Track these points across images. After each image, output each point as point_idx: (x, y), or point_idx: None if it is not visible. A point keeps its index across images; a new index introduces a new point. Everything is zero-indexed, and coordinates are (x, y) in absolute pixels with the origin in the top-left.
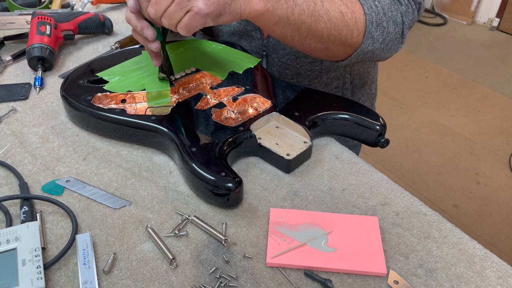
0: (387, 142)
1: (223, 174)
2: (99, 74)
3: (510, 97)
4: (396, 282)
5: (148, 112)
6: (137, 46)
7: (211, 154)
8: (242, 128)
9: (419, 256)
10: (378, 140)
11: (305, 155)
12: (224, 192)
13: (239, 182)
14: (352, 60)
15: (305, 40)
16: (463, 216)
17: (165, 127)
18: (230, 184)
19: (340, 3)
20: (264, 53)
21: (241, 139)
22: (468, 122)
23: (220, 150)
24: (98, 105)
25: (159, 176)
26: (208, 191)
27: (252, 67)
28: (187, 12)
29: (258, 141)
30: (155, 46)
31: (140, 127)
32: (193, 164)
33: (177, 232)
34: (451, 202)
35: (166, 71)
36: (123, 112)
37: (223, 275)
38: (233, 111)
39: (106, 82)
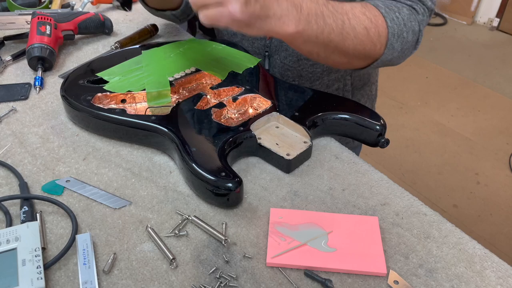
0: (387, 142)
1: (223, 174)
2: (99, 74)
3: (510, 97)
4: (396, 282)
5: (148, 112)
6: (137, 46)
7: (211, 154)
8: (242, 128)
9: (419, 256)
10: (378, 140)
11: (305, 155)
12: (224, 192)
13: (239, 182)
14: (370, 69)
15: (331, 56)
16: (463, 216)
17: (165, 127)
18: (230, 184)
19: (365, 18)
20: (267, 53)
21: (241, 139)
22: (468, 122)
23: (220, 150)
24: (98, 105)
25: (159, 176)
26: (208, 191)
27: (252, 67)
28: (219, 6)
29: (258, 141)
30: None
31: (140, 127)
32: (193, 164)
33: (177, 232)
34: (451, 202)
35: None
36: (123, 112)
37: (223, 275)
38: (233, 111)
39: (106, 82)
